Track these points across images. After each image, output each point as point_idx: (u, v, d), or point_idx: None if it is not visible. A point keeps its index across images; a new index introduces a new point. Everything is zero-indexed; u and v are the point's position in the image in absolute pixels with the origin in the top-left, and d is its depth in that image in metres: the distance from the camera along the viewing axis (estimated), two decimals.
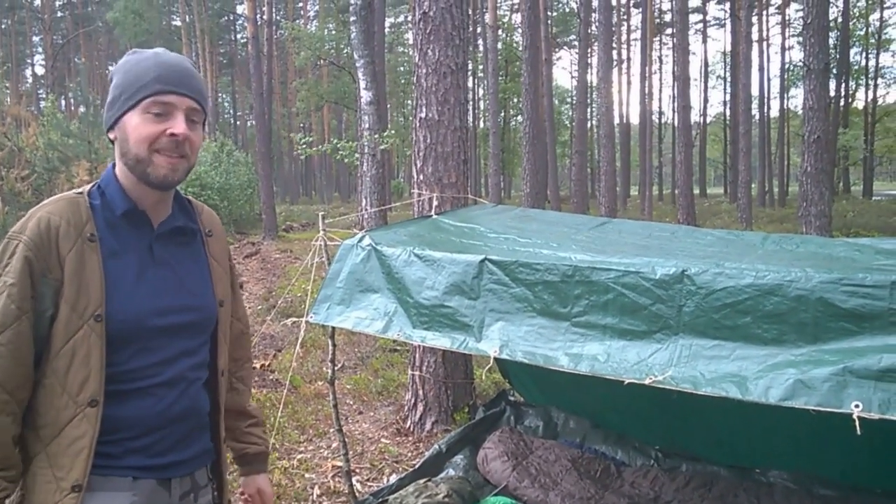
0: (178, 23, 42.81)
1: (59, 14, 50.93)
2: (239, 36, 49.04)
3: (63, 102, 46.04)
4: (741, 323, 2.25)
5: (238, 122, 57.29)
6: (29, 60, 56.02)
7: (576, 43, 35.08)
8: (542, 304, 2.64)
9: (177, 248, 1.60)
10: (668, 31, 42.96)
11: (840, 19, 28.86)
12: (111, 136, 1.52)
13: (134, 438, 1.47)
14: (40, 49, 52.49)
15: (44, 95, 42.28)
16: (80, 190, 1.52)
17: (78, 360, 1.39)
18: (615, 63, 34.84)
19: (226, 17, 46.79)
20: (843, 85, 32.75)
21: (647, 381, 2.27)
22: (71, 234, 1.41)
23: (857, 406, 1.89)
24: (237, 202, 22.49)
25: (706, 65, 45.74)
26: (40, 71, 54.77)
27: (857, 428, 1.84)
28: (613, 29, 30.87)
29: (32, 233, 1.39)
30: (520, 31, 21.63)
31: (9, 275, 1.37)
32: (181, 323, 1.55)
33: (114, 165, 1.55)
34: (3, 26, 50.66)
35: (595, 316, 2.52)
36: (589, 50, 22.52)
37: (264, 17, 24.04)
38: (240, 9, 42.39)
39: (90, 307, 1.40)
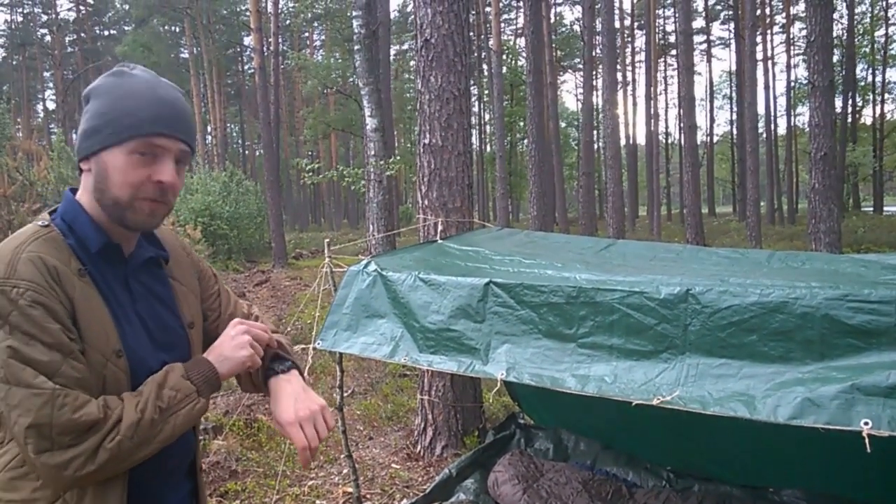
0: (186, 55, 43.41)
1: (69, 49, 51.73)
2: (246, 67, 49.59)
3: (75, 136, 46.64)
4: (747, 341, 2.24)
5: (247, 152, 57.75)
6: (40, 95, 56.83)
7: (580, 66, 35.35)
8: (547, 325, 2.65)
9: (149, 279, 1.51)
10: (673, 52, 43.19)
11: (845, 36, 28.98)
12: (83, 166, 1.38)
13: (135, 486, 1.39)
14: (51, 84, 53.32)
15: (55, 129, 42.91)
16: (44, 223, 1.36)
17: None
18: (620, 85, 35.02)
19: (233, 49, 47.40)
20: (851, 101, 32.76)
21: (654, 402, 2.26)
22: (68, 274, 1.29)
23: (866, 424, 1.88)
24: (247, 231, 22.62)
25: (712, 84, 45.95)
26: (51, 105, 55.58)
27: (867, 446, 1.83)
28: (617, 51, 31.06)
29: (34, 276, 1.24)
30: (524, 55, 21.80)
31: (33, 325, 1.21)
32: (168, 361, 1.45)
33: (73, 191, 1.42)
34: (14, 62, 51.53)
35: (601, 337, 2.53)
36: (594, 72, 22.63)
37: (271, 47, 24.36)
38: (247, 40, 43.09)
39: (109, 343, 1.31)
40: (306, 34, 48.18)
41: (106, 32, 53.71)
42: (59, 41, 47.90)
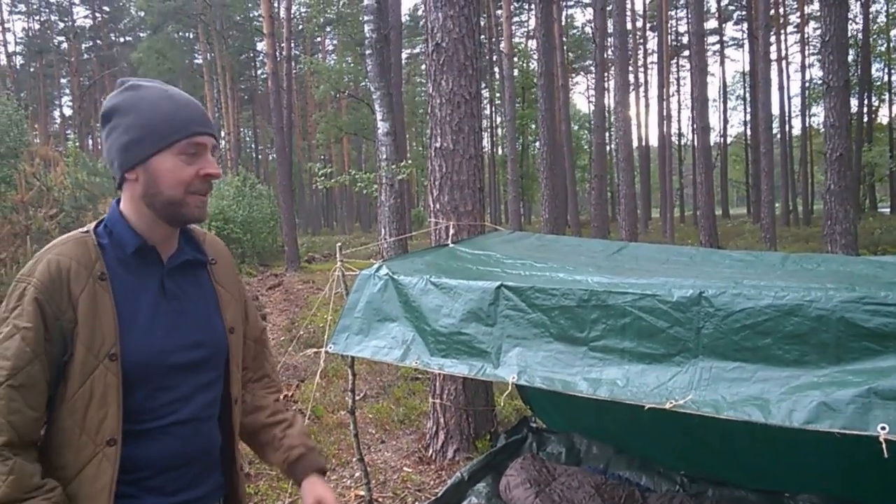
0: (200, 61, 43.70)
1: (85, 56, 52.30)
2: (259, 72, 49.81)
3: (91, 141, 47.18)
4: (762, 344, 2.21)
5: (260, 156, 58.04)
6: (57, 102, 57.45)
7: (592, 68, 35.26)
8: (559, 329, 2.63)
9: (185, 281, 1.59)
10: (685, 52, 43.02)
11: (860, 36, 28.74)
12: (130, 176, 1.47)
13: (149, 478, 1.46)
14: (68, 91, 53.94)
15: (71, 135, 43.34)
16: (85, 229, 1.50)
17: (96, 399, 1.38)
18: (632, 87, 34.93)
19: (246, 54, 47.59)
20: (866, 101, 32.45)
21: (667, 406, 2.23)
22: (82, 275, 1.40)
23: (883, 428, 1.84)
24: (260, 235, 22.69)
25: (725, 85, 45.64)
26: (68, 112, 56.10)
27: (884, 451, 1.80)
28: (630, 53, 30.95)
29: (42, 276, 1.38)
30: (535, 57, 21.77)
31: (21, 318, 1.35)
32: (195, 359, 1.54)
33: (118, 202, 1.53)
34: (31, 69, 52.10)
35: (613, 340, 2.50)
36: (606, 74, 22.58)
37: (283, 52, 24.48)
38: (260, 45, 43.28)
39: (105, 346, 1.39)
40: (319, 39, 48.40)
41: (121, 39, 54.09)
42: (75, 48, 48.44)
